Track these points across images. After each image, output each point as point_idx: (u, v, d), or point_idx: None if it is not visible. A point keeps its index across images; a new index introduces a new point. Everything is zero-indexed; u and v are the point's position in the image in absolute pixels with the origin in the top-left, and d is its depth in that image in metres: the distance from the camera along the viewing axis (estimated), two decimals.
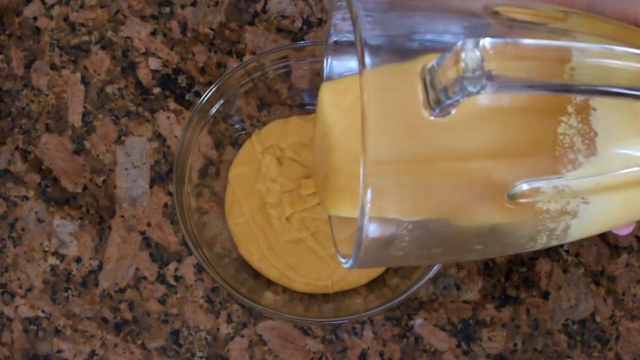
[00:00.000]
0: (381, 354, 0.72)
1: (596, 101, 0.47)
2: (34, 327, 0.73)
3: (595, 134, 0.46)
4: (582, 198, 0.47)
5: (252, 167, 0.73)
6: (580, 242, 0.73)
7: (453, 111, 0.43)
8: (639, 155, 0.47)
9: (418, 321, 0.72)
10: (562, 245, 0.73)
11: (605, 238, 0.73)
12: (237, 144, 0.73)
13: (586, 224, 0.48)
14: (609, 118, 0.47)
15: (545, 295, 0.73)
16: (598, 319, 0.72)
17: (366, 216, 0.43)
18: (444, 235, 0.47)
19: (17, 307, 0.73)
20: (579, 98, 0.46)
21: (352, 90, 0.57)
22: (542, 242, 0.49)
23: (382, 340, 0.72)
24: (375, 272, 0.72)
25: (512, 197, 0.46)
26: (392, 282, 0.71)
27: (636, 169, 0.47)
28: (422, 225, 0.45)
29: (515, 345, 0.72)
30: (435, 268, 0.67)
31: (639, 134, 0.47)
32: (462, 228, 0.47)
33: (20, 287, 0.73)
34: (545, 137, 0.46)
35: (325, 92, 0.57)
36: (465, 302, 0.73)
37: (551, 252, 0.73)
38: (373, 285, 0.72)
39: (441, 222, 0.46)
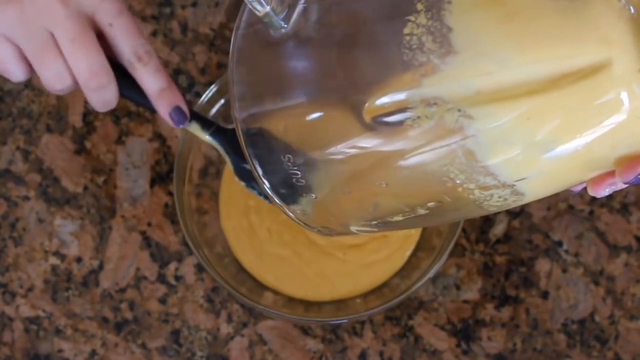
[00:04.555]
0: (381, 354, 0.72)
1: None
2: (35, 327, 0.73)
3: (449, 29, 0.40)
4: (459, 110, 0.41)
5: None
6: (579, 242, 0.73)
7: (288, 25, 0.44)
8: (517, 53, 0.40)
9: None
10: (561, 245, 0.73)
11: (604, 238, 0.74)
12: None
13: (490, 147, 0.41)
14: (468, 10, 0.41)
15: (545, 295, 0.73)
16: (597, 318, 0.72)
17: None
18: (331, 173, 0.45)
19: (18, 306, 0.73)
20: None
21: None
22: (466, 182, 0.43)
23: (382, 339, 0.72)
24: (377, 281, 0.72)
25: (376, 116, 0.42)
26: (392, 281, 0.71)
27: (523, 69, 0.40)
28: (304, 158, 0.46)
29: (515, 344, 0.72)
30: (435, 268, 0.67)
31: (509, 26, 0.40)
32: (342, 162, 0.44)
33: (21, 287, 0.73)
34: (391, 41, 0.41)
35: None
36: (464, 301, 0.73)
37: (550, 252, 0.73)
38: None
39: (315, 152, 0.45)
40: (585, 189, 0.45)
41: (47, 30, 0.55)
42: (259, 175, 0.47)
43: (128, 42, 0.57)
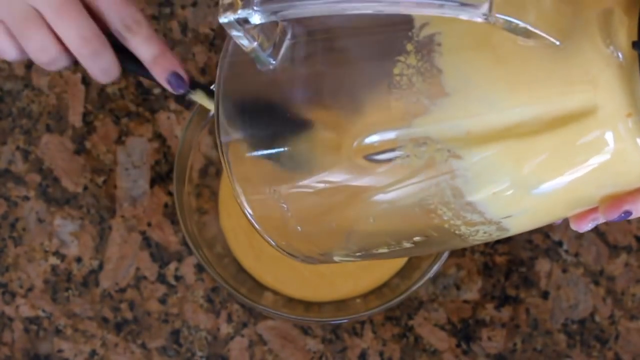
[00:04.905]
0: (381, 354, 0.72)
1: (443, 35, 0.41)
2: (35, 327, 0.73)
3: (439, 71, 0.41)
4: (449, 151, 0.41)
5: None
6: (579, 242, 0.73)
7: (276, 60, 0.44)
8: (507, 96, 0.40)
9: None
10: (561, 245, 0.73)
11: (605, 238, 0.74)
12: None
13: (479, 186, 0.42)
14: (458, 53, 0.41)
15: (545, 295, 0.73)
16: (597, 318, 0.72)
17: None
18: (323, 208, 0.45)
19: (17, 306, 0.73)
20: (421, 35, 0.41)
21: None
22: (452, 219, 0.43)
23: (382, 340, 0.72)
24: (377, 281, 0.72)
25: (367, 154, 0.42)
26: (392, 281, 0.71)
27: (513, 111, 0.40)
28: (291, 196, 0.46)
29: (515, 344, 0.72)
30: (435, 268, 0.67)
31: (500, 69, 0.40)
32: (331, 195, 0.44)
33: (21, 287, 0.73)
34: (380, 80, 0.41)
35: None
36: (464, 301, 0.73)
37: (550, 252, 0.73)
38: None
39: (308, 190, 0.45)
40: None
41: (29, 5, 0.54)
42: (241, 202, 0.47)
43: (115, 13, 0.55)
